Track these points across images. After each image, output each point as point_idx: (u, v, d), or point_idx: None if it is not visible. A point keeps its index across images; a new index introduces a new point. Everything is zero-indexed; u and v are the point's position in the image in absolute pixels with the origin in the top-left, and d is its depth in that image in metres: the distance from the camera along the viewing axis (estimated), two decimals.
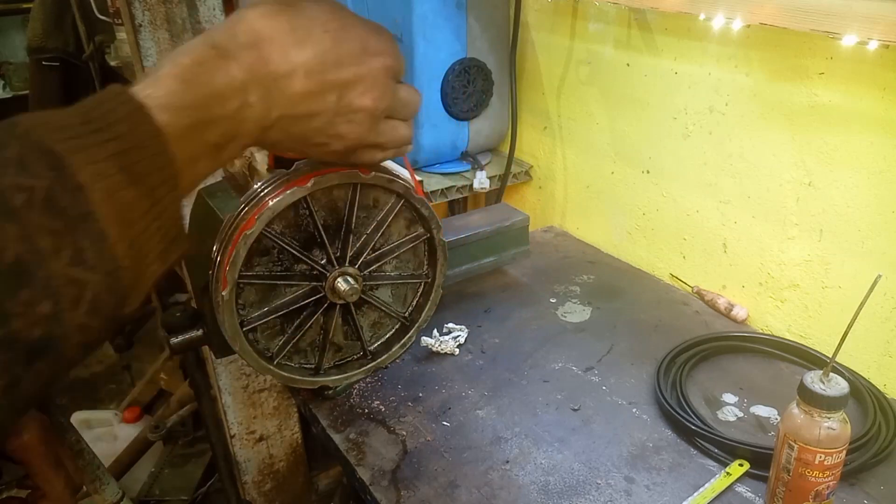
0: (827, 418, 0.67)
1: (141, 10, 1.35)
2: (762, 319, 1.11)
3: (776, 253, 1.06)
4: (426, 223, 0.92)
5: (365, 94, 0.53)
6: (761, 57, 1.00)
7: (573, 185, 1.43)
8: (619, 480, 0.80)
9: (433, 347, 1.02)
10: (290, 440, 1.77)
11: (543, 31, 1.38)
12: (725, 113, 1.07)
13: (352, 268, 0.86)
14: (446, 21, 1.26)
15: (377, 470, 0.83)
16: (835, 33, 0.81)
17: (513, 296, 1.19)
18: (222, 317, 0.78)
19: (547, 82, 1.40)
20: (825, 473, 0.68)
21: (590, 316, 1.14)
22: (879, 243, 0.93)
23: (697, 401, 0.92)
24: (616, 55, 1.23)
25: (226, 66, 0.46)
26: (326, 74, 0.51)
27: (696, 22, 1.06)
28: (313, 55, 0.49)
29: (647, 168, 1.24)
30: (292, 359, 0.89)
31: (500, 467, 0.83)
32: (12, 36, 3.11)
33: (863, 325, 0.94)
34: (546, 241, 1.42)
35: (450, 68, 1.30)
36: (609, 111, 1.29)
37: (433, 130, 1.34)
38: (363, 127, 0.56)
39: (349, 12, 0.54)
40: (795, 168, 1.00)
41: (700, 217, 1.17)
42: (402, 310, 0.97)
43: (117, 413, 2.19)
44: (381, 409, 0.93)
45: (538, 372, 0.99)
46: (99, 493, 0.97)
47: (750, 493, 0.78)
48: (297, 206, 0.80)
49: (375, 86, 0.54)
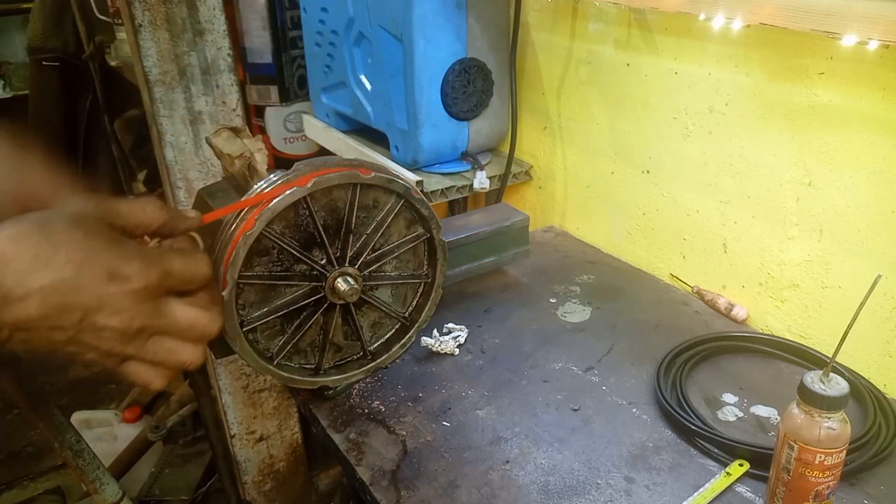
0: (827, 418, 0.67)
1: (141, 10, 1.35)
2: (762, 319, 1.11)
3: (776, 253, 1.06)
4: (426, 223, 0.92)
5: (111, 316, 0.53)
6: (761, 57, 1.00)
7: (573, 185, 1.43)
8: (619, 480, 0.80)
9: (433, 347, 1.02)
10: (290, 440, 1.77)
11: (543, 31, 1.38)
12: (725, 113, 1.07)
13: (352, 268, 0.86)
14: (446, 21, 1.26)
15: (377, 470, 0.83)
16: (835, 33, 0.81)
17: (513, 296, 1.20)
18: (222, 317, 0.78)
19: (547, 82, 1.40)
20: (825, 473, 0.68)
21: (590, 316, 1.14)
22: (879, 243, 0.93)
23: (697, 401, 0.92)
24: (616, 55, 1.23)
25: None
26: (64, 299, 0.51)
27: (695, 22, 1.06)
28: (50, 282, 0.50)
29: (647, 168, 1.24)
30: (292, 359, 0.89)
31: (500, 467, 0.83)
32: (12, 36, 3.11)
33: (863, 325, 0.94)
34: (546, 241, 1.42)
35: (450, 68, 1.30)
36: (609, 111, 1.29)
37: (433, 130, 1.34)
38: (113, 342, 0.55)
39: (104, 238, 0.54)
40: (795, 168, 1.00)
41: (700, 217, 1.17)
42: (402, 310, 0.97)
43: (117, 413, 2.19)
44: (381, 409, 0.93)
45: (538, 372, 0.99)
46: (99, 493, 0.97)
47: (750, 493, 0.78)
48: (297, 207, 0.80)
49: (123, 308, 0.54)
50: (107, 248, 0.54)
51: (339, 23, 1.41)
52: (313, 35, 1.53)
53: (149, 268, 0.55)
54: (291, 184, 0.77)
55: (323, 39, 1.50)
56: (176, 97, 1.44)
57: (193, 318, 0.58)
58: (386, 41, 1.31)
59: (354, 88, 1.45)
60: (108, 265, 0.53)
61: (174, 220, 0.62)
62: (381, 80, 1.37)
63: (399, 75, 1.30)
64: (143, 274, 0.55)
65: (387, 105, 1.37)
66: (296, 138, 1.83)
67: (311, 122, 1.69)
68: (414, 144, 1.35)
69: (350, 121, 1.56)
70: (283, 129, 1.81)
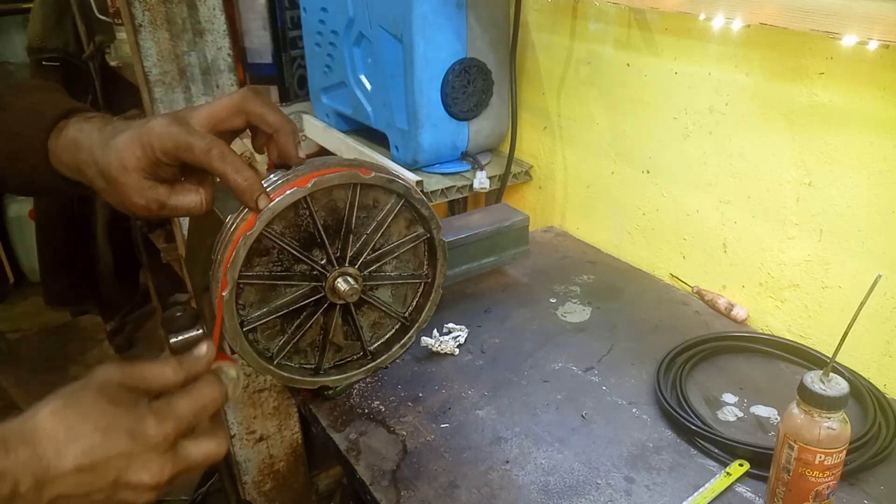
0: (827, 418, 0.67)
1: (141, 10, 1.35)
2: (762, 319, 1.11)
3: (776, 253, 1.06)
4: (426, 223, 0.92)
5: (141, 471, 0.60)
6: (761, 57, 1.00)
7: (573, 185, 1.43)
8: (619, 480, 0.80)
9: (433, 347, 1.02)
10: (290, 440, 1.77)
11: (543, 31, 1.38)
12: (725, 113, 1.07)
13: (352, 268, 0.86)
14: (446, 21, 1.26)
15: (377, 470, 0.83)
16: (835, 33, 0.81)
17: (513, 296, 1.20)
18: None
19: (547, 82, 1.40)
20: (825, 473, 0.68)
21: (590, 316, 1.14)
22: (879, 243, 0.93)
23: (697, 401, 0.92)
24: (616, 55, 1.23)
25: (3, 457, 0.55)
26: (96, 463, 0.58)
27: (696, 22, 1.06)
28: (82, 451, 0.57)
29: (647, 168, 1.24)
30: (292, 359, 0.89)
31: (500, 467, 0.83)
32: (12, 36, 3.11)
33: (863, 325, 0.94)
34: (546, 241, 1.42)
35: (450, 68, 1.30)
36: (609, 111, 1.29)
37: (433, 130, 1.34)
38: (147, 493, 0.62)
39: (123, 403, 0.61)
40: (795, 168, 1.00)
41: (700, 217, 1.17)
42: (402, 310, 0.97)
43: None
44: (381, 409, 0.93)
45: (538, 372, 0.99)
46: None
47: (750, 493, 0.78)
48: (297, 207, 0.80)
49: (150, 461, 0.61)
50: (126, 412, 0.60)
51: (339, 23, 1.41)
52: (313, 35, 1.53)
53: (163, 421, 0.62)
54: (291, 184, 0.77)
55: (323, 39, 1.50)
56: (176, 97, 1.44)
57: (206, 453, 0.65)
58: (386, 41, 1.31)
59: (354, 88, 1.45)
60: (129, 426, 0.60)
61: (191, 372, 0.68)
62: (381, 80, 1.37)
63: (399, 75, 1.30)
64: (160, 428, 0.61)
65: (387, 105, 1.37)
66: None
67: (311, 122, 1.69)
68: (414, 144, 1.35)
69: (350, 121, 1.56)
70: None
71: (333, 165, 0.81)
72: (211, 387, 0.67)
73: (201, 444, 0.65)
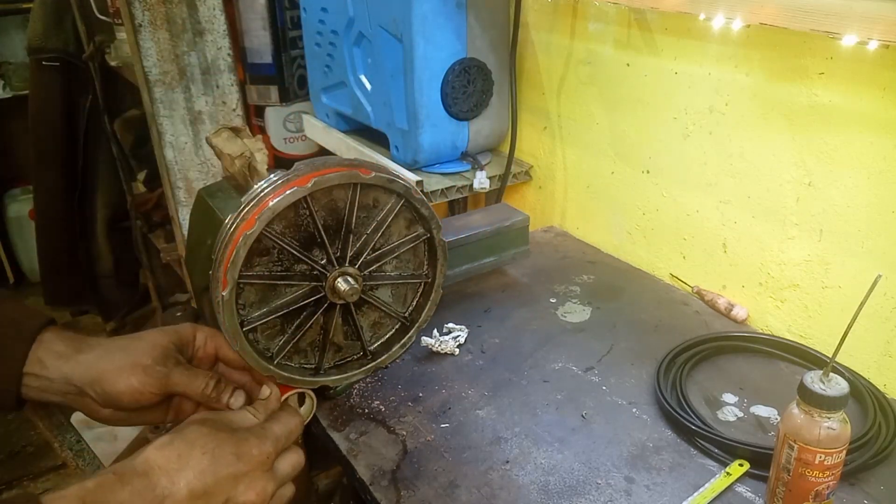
0: (827, 418, 0.67)
1: (141, 10, 1.35)
2: (762, 319, 1.11)
3: (776, 253, 1.06)
4: (426, 223, 0.92)
5: (248, 490, 0.65)
6: (761, 57, 1.00)
7: (573, 185, 1.43)
8: (619, 480, 0.80)
9: (433, 347, 1.02)
10: None
11: (543, 31, 1.38)
12: (725, 113, 1.07)
13: (352, 268, 0.86)
14: (446, 21, 1.27)
15: (377, 470, 0.83)
16: (835, 33, 0.81)
17: (513, 296, 1.20)
18: (222, 317, 0.78)
19: (547, 82, 1.40)
20: (825, 473, 0.68)
21: (590, 316, 1.14)
22: (879, 243, 0.93)
23: (697, 401, 0.92)
24: (616, 55, 1.23)
25: (120, 490, 0.59)
26: (207, 485, 0.63)
27: (695, 22, 1.06)
28: (194, 476, 0.62)
29: (647, 168, 1.24)
30: (292, 359, 0.89)
31: (500, 467, 0.83)
32: (12, 36, 3.11)
33: (863, 325, 0.95)
34: (546, 241, 1.42)
35: (450, 68, 1.30)
36: (609, 111, 1.29)
37: (433, 130, 1.34)
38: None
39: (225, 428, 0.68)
40: (795, 168, 1.00)
41: (700, 217, 1.18)
42: (402, 310, 0.97)
43: None
44: (381, 409, 0.93)
45: (538, 372, 0.99)
46: None
47: (750, 493, 0.78)
48: (297, 206, 0.80)
49: (256, 479, 0.66)
50: (229, 436, 0.67)
51: (339, 23, 1.41)
52: (313, 35, 1.54)
53: (263, 441, 0.69)
54: (292, 184, 0.77)
55: (323, 39, 1.50)
56: (176, 97, 1.44)
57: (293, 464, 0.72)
58: (386, 41, 1.31)
59: (354, 88, 1.45)
60: (234, 448, 0.66)
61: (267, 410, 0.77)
62: (381, 80, 1.37)
63: (399, 75, 1.30)
64: (262, 447, 0.68)
65: (387, 105, 1.37)
66: (296, 138, 1.83)
67: (311, 122, 1.69)
68: (414, 144, 1.35)
69: (350, 121, 1.56)
70: (283, 129, 1.81)
71: (333, 165, 0.81)
72: (290, 414, 0.76)
73: (286, 457, 0.72)
